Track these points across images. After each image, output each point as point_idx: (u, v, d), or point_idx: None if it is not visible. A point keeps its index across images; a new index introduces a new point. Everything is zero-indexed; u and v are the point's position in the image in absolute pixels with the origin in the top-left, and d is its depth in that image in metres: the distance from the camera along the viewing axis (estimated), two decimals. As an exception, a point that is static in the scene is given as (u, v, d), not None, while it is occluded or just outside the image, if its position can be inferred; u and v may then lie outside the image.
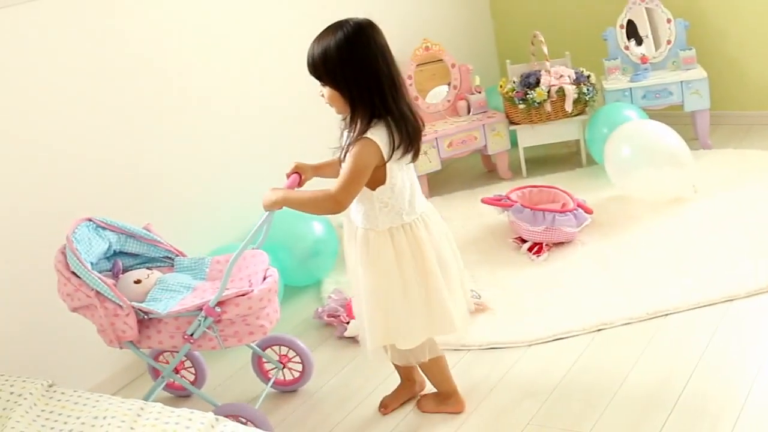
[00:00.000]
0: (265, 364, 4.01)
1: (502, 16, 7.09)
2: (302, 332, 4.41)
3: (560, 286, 4.50)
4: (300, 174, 3.45)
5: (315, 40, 3.21)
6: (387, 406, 3.76)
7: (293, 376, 4.00)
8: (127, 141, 4.27)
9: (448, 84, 6.17)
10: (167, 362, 3.93)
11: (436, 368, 3.65)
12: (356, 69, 3.15)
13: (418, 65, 6.03)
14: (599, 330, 4.08)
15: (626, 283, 4.42)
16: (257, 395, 3.85)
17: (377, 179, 3.23)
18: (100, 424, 2.83)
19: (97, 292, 3.38)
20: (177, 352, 3.53)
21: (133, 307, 3.39)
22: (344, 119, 3.28)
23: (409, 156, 3.27)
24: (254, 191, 3.78)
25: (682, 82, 5.90)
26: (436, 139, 5.86)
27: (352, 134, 3.20)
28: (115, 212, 3.84)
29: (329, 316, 4.43)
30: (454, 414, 3.64)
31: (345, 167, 3.18)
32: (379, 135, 3.16)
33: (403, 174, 3.30)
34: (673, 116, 6.02)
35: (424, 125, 3.33)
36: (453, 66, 6.14)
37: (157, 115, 4.43)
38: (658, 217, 5.05)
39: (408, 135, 3.21)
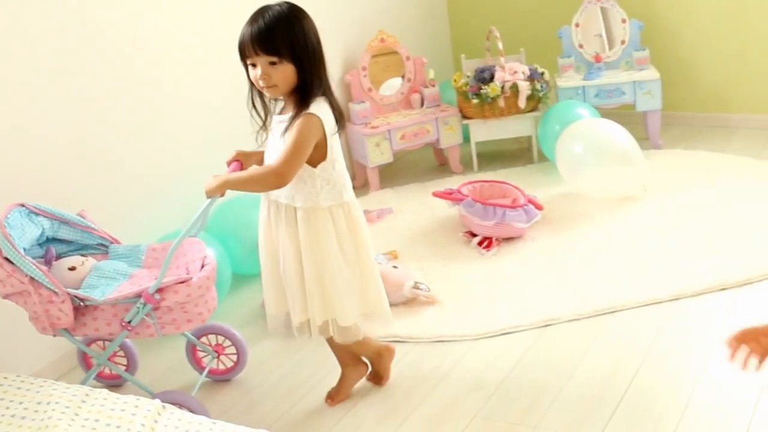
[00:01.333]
0: (199, 353, 3.97)
1: (458, 10, 7.10)
2: (250, 321, 4.39)
3: (509, 281, 4.52)
4: (241, 162, 3.41)
5: (256, 20, 3.18)
6: (333, 397, 3.75)
7: (227, 365, 3.97)
8: (68, 126, 4.20)
9: (402, 76, 6.17)
10: (103, 349, 3.87)
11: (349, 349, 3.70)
12: (313, 41, 3.22)
13: (372, 57, 6.02)
14: (547, 325, 4.10)
15: (574, 279, 4.44)
16: (192, 384, 3.83)
17: (317, 156, 3.26)
18: (44, 409, 2.80)
19: (32, 279, 3.29)
20: (112, 340, 3.49)
21: (69, 294, 3.33)
22: (273, 100, 3.35)
23: (337, 133, 3.34)
24: (198, 179, 3.76)
25: (634, 82, 5.95)
26: (389, 131, 5.85)
27: (293, 111, 3.22)
28: (57, 200, 3.78)
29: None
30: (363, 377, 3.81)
31: (288, 141, 3.18)
32: (321, 110, 3.22)
33: (340, 151, 3.37)
34: (625, 115, 6.07)
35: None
36: (408, 59, 6.14)
37: (100, 100, 4.35)
38: (607, 215, 5.09)
39: (339, 110, 3.33)
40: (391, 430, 3.48)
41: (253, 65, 3.21)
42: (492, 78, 5.87)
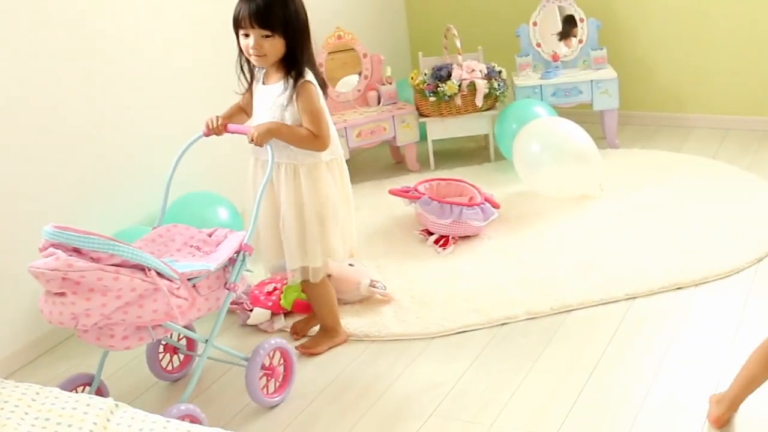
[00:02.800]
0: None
1: (416, 7, 7.09)
2: (204, 319, 4.33)
3: (465, 279, 4.50)
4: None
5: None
6: (298, 332, 4.14)
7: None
8: (26, 111, 4.15)
9: (359, 74, 6.15)
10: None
11: (326, 297, 3.97)
12: (303, 19, 3.56)
13: (329, 53, 5.99)
14: (503, 324, 4.10)
15: (531, 278, 4.44)
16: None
17: None
18: (-7, 408, 2.75)
19: (157, 272, 3.13)
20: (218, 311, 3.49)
21: (184, 275, 3.26)
22: (258, 69, 3.71)
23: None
24: (153, 174, 3.75)
25: (592, 81, 5.96)
26: (345, 128, 5.82)
27: (284, 80, 3.57)
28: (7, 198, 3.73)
29: (232, 303, 4.37)
30: (340, 345, 4.04)
31: (308, 111, 3.55)
32: (312, 78, 3.58)
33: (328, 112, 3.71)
34: (582, 115, 6.09)
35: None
36: (365, 56, 6.11)
37: (55, 92, 4.29)
38: (564, 213, 5.10)
39: (322, 79, 3.71)
40: (347, 428, 3.45)
41: (246, 35, 3.52)
42: (449, 76, 5.87)
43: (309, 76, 3.57)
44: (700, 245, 4.58)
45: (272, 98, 3.61)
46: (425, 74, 5.97)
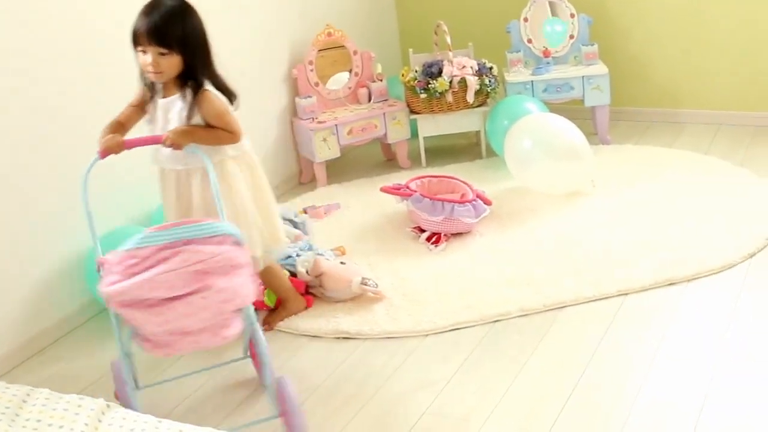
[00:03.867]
0: None
1: (406, 4, 7.08)
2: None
3: (458, 276, 4.49)
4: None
5: (150, 13, 3.48)
6: (269, 322, 4.23)
7: None
8: None
9: (350, 71, 6.13)
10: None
11: (273, 275, 4.15)
12: (200, 34, 3.58)
13: (319, 51, 5.98)
14: (495, 321, 4.09)
15: (523, 275, 4.43)
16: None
17: None
18: (-18, 410, 2.74)
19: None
20: None
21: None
22: (151, 86, 3.68)
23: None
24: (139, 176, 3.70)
25: (583, 77, 5.95)
26: (336, 126, 5.81)
27: (181, 93, 3.60)
28: None
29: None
30: (302, 311, 4.26)
31: (215, 116, 3.58)
32: (211, 87, 3.63)
33: None
34: (574, 111, 6.07)
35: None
36: (355, 53, 6.10)
37: (38, 92, 4.29)
38: (556, 210, 5.09)
39: (227, 89, 3.70)
40: (340, 427, 3.44)
41: (144, 52, 3.51)
42: (440, 73, 5.85)
43: (207, 86, 3.61)
44: (692, 241, 4.57)
45: (174, 111, 3.62)
46: (416, 71, 5.96)
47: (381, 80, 6.12)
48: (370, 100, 6.10)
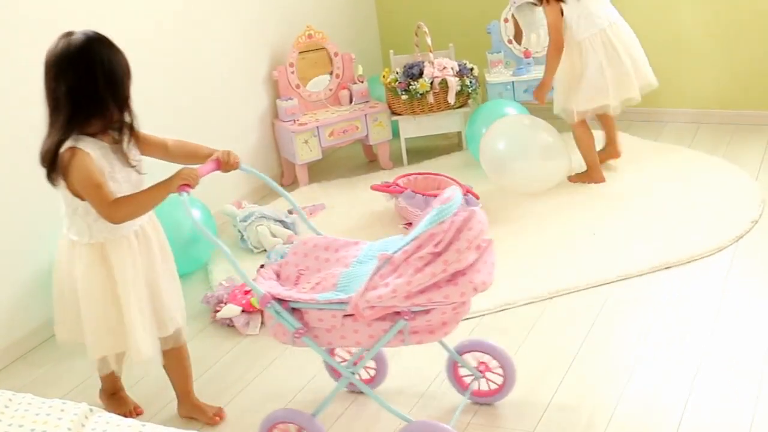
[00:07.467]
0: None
1: (387, 5, 7.07)
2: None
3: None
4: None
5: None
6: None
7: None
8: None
9: (331, 73, 6.12)
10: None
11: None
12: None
13: (300, 53, 5.96)
14: (483, 315, 4.12)
15: (514, 266, 4.46)
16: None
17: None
18: (-37, 416, 2.71)
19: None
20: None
21: None
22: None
23: None
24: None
25: (564, 77, 5.94)
26: (318, 128, 5.81)
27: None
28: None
29: (218, 302, 4.37)
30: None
31: None
32: None
33: None
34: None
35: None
36: (336, 55, 6.09)
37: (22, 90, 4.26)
38: (543, 204, 5.15)
39: None
40: (326, 429, 3.42)
41: None
42: (421, 74, 5.85)
43: None
44: (682, 228, 4.70)
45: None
46: (397, 72, 5.95)
47: (362, 82, 6.12)
48: (351, 101, 6.09)
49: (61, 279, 3.35)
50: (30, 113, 4.18)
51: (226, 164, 3.28)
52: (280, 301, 3.02)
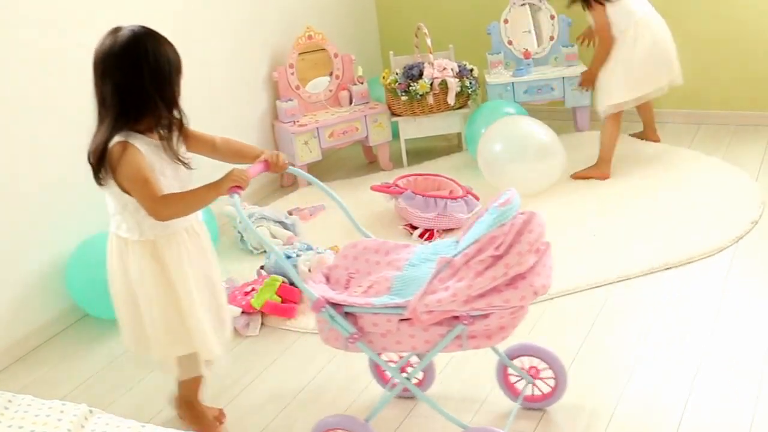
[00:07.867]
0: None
1: (386, 6, 7.07)
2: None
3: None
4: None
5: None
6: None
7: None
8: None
9: (330, 74, 6.12)
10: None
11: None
12: None
13: (300, 54, 5.96)
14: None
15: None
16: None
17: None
18: (-36, 417, 2.71)
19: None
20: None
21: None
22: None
23: None
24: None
25: (563, 78, 5.97)
26: (317, 129, 5.80)
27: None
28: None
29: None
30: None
31: None
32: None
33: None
34: (555, 112, 6.10)
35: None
36: (336, 56, 6.09)
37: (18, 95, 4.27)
38: (542, 203, 5.08)
39: None
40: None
41: None
42: (421, 75, 5.85)
43: None
44: (682, 228, 4.70)
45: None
46: (397, 73, 5.95)
47: (362, 83, 6.11)
48: (351, 102, 6.09)
49: (116, 281, 3.23)
50: (30, 113, 4.22)
51: (275, 166, 3.24)
52: (334, 305, 2.96)
